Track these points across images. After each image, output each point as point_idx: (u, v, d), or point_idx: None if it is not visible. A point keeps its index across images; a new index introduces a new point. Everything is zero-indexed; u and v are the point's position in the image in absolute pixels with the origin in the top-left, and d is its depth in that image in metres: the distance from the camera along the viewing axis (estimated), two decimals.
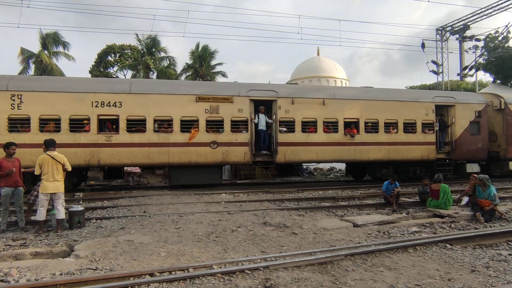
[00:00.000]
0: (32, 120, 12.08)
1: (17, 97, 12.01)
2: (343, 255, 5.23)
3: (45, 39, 30.03)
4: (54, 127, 12.29)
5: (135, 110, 12.82)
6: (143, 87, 13.37)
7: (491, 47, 31.62)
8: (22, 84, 12.44)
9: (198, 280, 4.35)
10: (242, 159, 13.73)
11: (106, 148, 12.60)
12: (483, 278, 4.56)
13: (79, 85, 12.87)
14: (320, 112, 14.38)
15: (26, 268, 4.84)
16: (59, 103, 12.27)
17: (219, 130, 13.51)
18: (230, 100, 13.62)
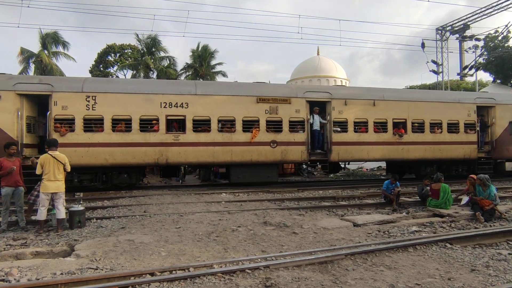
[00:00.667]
0: (105, 120, 12.62)
1: (91, 98, 12.54)
2: (343, 255, 5.24)
3: (44, 39, 30.05)
4: (125, 127, 12.83)
5: (200, 111, 13.35)
6: (208, 89, 13.98)
7: (491, 46, 31.64)
8: (96, 86, 12.93)
9: (199, 279, 4.35)
10: (299, 157, 14.24)
11: (174, 147, 13.09)
12: (483, 277, 4.57)
13: (148, 86, 13.51)
14: (370, 113, 14.99)
15: (27, 267, 4.85)
16: (130, 104, 12.85)
17: (278, 130, 14.02)
18: (288, 101, 14.13)
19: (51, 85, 12.42)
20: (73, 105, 12.39)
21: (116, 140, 12.60)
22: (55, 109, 12.27)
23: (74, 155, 11.82)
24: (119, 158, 12.66)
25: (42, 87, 12.32)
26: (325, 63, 42.43)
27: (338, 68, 43.22)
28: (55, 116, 12.29)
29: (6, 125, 11.91)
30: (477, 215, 8.00)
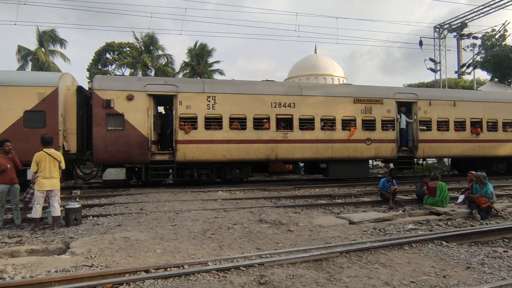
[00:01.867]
0: (224, 119, 13.57)
1: (211, 99, 13.50)
2: (338, 252, 5.24)
3: (42, 36, 29.91)
4: (240, 125, 13.76)
5: (305, 111, 14.35)
6: (312, 91, 15.02)
7: (488, 45, 31.68)
8: (216, 87, 13.97)
9: (193, 276, 4.35)
10: (390, 154, 15.35)
11: (283, 144, 14.07)
12: (478, 274, 4.58)
13: (260, 88, 14.52)
14: (451, 113, 16.14)
15: (21, 265, 4.83)
16: (245, 104, 13.85)
17: (372, 129, 15.07)
18: (381, 102, 15.26)
19: (176, 86, 13.37)
20: (196, 104, 13.36)
21: (233, 137, 13.66)
22: (180, 109, 13.20)
23: (196, 151, 13.24)
24: (235, 154, 13.64)
25: (169, 88, 13.29)
26: (323, 61, 42.39)
27: (336, 66, 43.18)
28: (180, 115, 13.19)
29: (138, 123, 12.81)
30: (473, 213, 8.02)
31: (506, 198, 10.92)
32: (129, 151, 12.70)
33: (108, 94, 12.69)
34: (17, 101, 11.92)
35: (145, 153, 12.82)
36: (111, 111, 12.63)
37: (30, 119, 11.97)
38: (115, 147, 12.56)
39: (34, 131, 11.75)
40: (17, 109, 11.91)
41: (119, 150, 12.60)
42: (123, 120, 12.70)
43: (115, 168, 12.83)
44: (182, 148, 13.13)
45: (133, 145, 12.72)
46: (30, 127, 11.92)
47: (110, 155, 12.61)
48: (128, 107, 12.74)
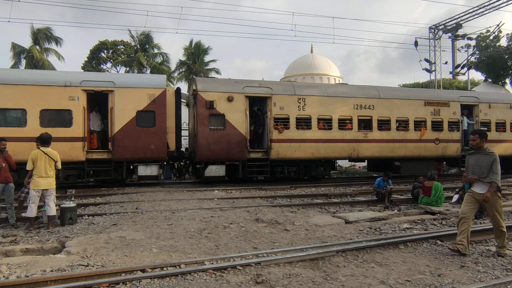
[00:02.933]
0: (313, 119, 14.49)
1: (302, 100, 14.43)
2: (334, 251, 5.27)
3: (36, 34, 29.66)
4: (327, 126, 14.69)
5: (382, 112, 15.44)
6: (388, 93, 16.05)
7: (482, 46, 31.92)
8: (305, 90, 14.91)
9: (190, 276, 4.34)
10: (455, 153, 16.43)
11: (363, 143, 15.09)
12: (472, 273, 4.62)
13: (344, 90, 15.54)
14: (508, 115, 17.32)
15: (16, 264, 4.80)
16: (331, 106, 14.78)
17: (440, 129, 16.18)
18: (448, 104, 16.44)
19: (270, 88, 14.28)
20: (288, 106, 14.25)
21: (320, 136, 14.60)
22: (274, 110, 14.09)
23: (288, 149, 14.15)
24: (322, 152, 14.58)
25: (264, 90, 14.17)
26: (319, 61, 42.50)
27: (332, 66, 43.32)
28: (274, 115, 14.05)
29: (237, 122, 13.66)
30: None
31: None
32: (229, 149, 13.59)
33: (211, 96, 13.50)
34: (131, 102, 12.82)
35: (243, 151, 13.76)
36: (213, 111, 13.46)
37: (142, 119, 12.86)
38: (217, 145, 13.43)
39: (145, 129, 12.80)
40: (130, 109, 12.80)
41: (221, 148, 13.47)
42: (224, 120, 13.56)
43: (216, 165, 13.63)
44: (276, 146, 14.06)
45: (233, 143, 13.62)
46: (141, 126, 12.82)
47: (212, 153, 13.47)
48: (229, 108, 13.60)
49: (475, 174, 5.46)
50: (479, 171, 5.42)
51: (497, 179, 5.28)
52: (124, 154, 12.69)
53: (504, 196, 11.21)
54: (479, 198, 5.39)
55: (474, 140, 5.56)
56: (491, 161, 5.35)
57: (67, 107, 12.31)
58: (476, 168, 5.48)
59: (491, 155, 5.41)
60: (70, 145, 12.15)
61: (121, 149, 12.64)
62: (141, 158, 12.90)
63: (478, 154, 5.52)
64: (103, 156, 12.72)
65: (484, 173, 5.36)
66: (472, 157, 5.62)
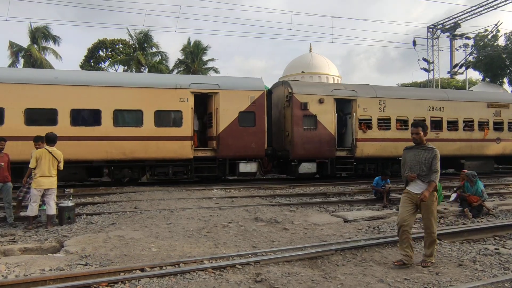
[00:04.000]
0: (392, 120, 15.76)
1: (382, 102, 15.67)
2: (333, 250, 5.28)
3: (34, 33, 29.57)
4: (403, 126, 15.84)
5: (451, 114, 16.70)
6: (456, 96, 17.46)
7: (480, 45, 31.98)
8: (384, 93, 16.20)
9: (189, 275, 4.35)
10: None
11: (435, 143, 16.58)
12: (470, 272, 4.64)
13: (418, 93, 17.32)
14: None
15: (15, 264, 4.79)
16: (408, 107, 16.07)
17: (500, 129, 17.55)
18: (507, 106, 17.79)
19: (355, 91, 15.45)
20: (371, 107, 15.43)
21: (398, 136, 15.67)
22: (359, 111, 15.23)
23: (371, 148, 15.41)
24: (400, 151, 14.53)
25: (349, 93, 15.35)
26: (318, 60, 42.47)
27: (331, 65, 43.30)
28: (359, 116, 15.20)
29: (327, 123, 14.81)
30: (465, 211, 8.11)
31: (497, 196, 11.07)
32: (320, 148, 14.69)
33: (305, 98, 14.58)
34: (234, 103, 13.84)
35: (332, 150, 14.91)
36: (306, 112, 14.54)
37: (244, 119, 13.93)
38: (310, 144, 14.47)
39: (246, 129, 13.88)
40: (233, 110, 13.82)
41: (313, 147, 14.53)
42: (316, 120, 14.67)
43: (309, 163, 14.72)
44: (360, 145, 15.25)
45: (324, 142, 14.74)
46: (243, 126, 13.89)
47: (305, 151, 14.54)
48: (320, 109, 14.72)
49: (413, 172, 4.83)
50: (417, 169, 4.81)
51: (436, 178, 4.76)
52: (227, 152, 13.80)
53: (502, 195, 11.26)
54: (416, 199, 4.80)
55: (417, 134, 4.86)
56: (431, 157, 4.76)
57: (178, 108, 13.32)
58: (414, 165, 4.84)
59: (432, 151, 4.82)
60: (180, 144, 13.23)
61: (225, 148, 13.71)
62: (242, 156, 14.03)
63: (418, 150, 4.88)
64: (207, 154, 13.88)
65: (424, 171, 4.77)
66: (410, 152, 4.98)
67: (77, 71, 16.65)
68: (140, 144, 12.68)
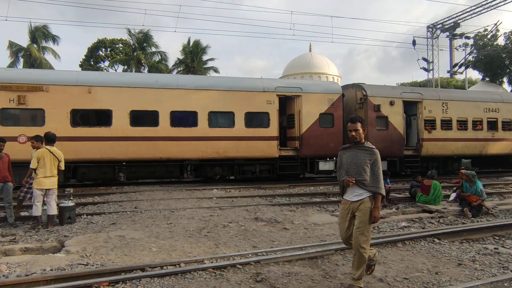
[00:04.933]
0: (453, 121, 16.59)
1: (444, 104, 16.50)
2: (333, 250, 5.30)
3: (34, 32, 29.57)
4: (463, 126, 16.75)
5: (506, 114, 17.62)
6: (510, 97, 18.34)
7: (480, 45, 31.97)
8: (446, 95, 17.04)
9: (190, 274, 4.37)
10: None
11: (491, 142, 17.24)
12: (469, 271, 4.66)
13: (476, 95, 17.95)
14: None
15: (16, 263, 4.81)
16: (467, 109, 16.89)
17: None
18: None
19: (421, 94, 16.45)
20: (434, 109, 16.27)
21: (459, 136, 16.62)
22: (424, 112, 16.10)
23: (435, 147, 16.22)
24: (460, 150, 16.73)
25: (416, 96, 16.27)
26: (317, 60, 42.50)
27: (330, 64, 43.33)
28: (425, 117, 16.06)
29: (397, 124, 15.66)
30: (464, 210, 8.14)
31: (497, 196, 11.09)
32: (391, 147, 15.46)
33: (377, 100, 15.43)
34: (315, 105, 14.75)
35: (401, 149, 15.77)
36: (379, 114, 15.38)
37: (323, 120, 14.83)
38: (382, 144, 14.74)
39: (325, 130, 14.81)
40: (314, 112, 14.73)
41: (385, 146, 14.90)
42: (387, 121, 15.51)
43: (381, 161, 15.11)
44: (426, 145, 16.07)
45: (394, 142, 15.61)
46: (323, 126, 14.80)
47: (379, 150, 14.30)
48: (390, 111, 15.57)
49: (350, 176, 3.99)
50: (355, 172, 3.97)
51: (381, 188, 3.96)
52: (309, 151, 14.69)
53: (501, 195, 11.29)
54: (353, 209, 3.98)
55: (355, 130, 3.99)
56: (372, 160, 3.97)
57: (265, 110, 14.20)
58: (351, 167, 4.00)
59: (372, 152, 4.00)
60: (268, 144, 14.14)
61: (307, 147, 14.61)
62: (321, 154, 14.99)
63: (356, 149, 4.05)
64: (289, 153, 14.69)
65: (362, 175, 3.94)
66: (346, 153, 4.12)
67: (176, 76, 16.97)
68: (232, 143, 13.69)
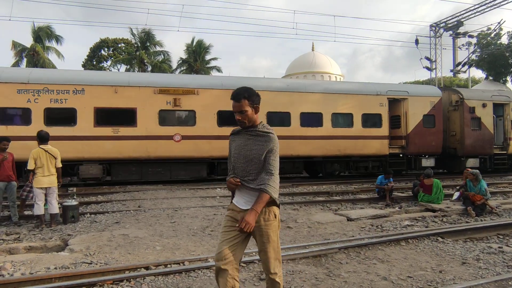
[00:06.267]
0: None
1: None
2: (337, 248, 5.30)
3: (37, 32, 29.69)
4: None
5: None
6: None
7: (483, 44, 31.84)
8: None
9: (194, 273, 4.37)
10: None
11: None
12: (473, 270, 4.65)
13: None
14: None
15: (20, 262, 4.83)
16: None
17: None
18: None
19: (508, 97, 17.78)
20: None
21: None
22: (511, 114, 17.49)
23: None
24: None
25: (503, 98, 17.67)
26: (320, 59, 42.46)
27: (333, 64, 43.30)
28: (511, 118, 17.39)
29: (488, 124, 16.97)
30: (468, 209, 8.10)
31: (501, 195, 11.04)
32: (483, 146, 16.91)
33: (472, 103, 16.78)
34: (419, 107, 16.14)
35: (491, 147, 17.12)
36: (473, 115, 16.70)
37: (426, 121, 16.21)
38: (476, 143, 16.67)
39: (428, 130, 16.19)
40: (419, 114, 16.12)
41: (478, 145, 16.77)
42: (480, 122, 16.85)
43: (474, 159, 16.92)
44: None
45: (485, 141, 16.92)
46: (426, 127, 16.19)
47: (472, 149, 16.79)
48: (483, 113, 16.88)
49: (237, 173, 2.82)
50: (243, 167, 2.79)
51: (270, 186, 2.70)
52: (414, 149, 16.04)
53: (505, 194, 11.24)
54: None
55: (241, 113, 2.74)
56: (265, 148, 2.74)
57: (378, 112, 15.65)
58: (239, 161, 2.81)
59: (268, 137, 2.76)
60: (380, 142, 15.60)
61: (413, 145, 15.97)
62: (424, 152, 16.37)
63: (246, 135, 2.82)
64: (396, 151, 16.02)
65: (252, 173, 2.77)
66: (235, 139, 2.90)
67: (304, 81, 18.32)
68: (351, 142, 15.11)
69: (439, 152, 16.53)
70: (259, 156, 2.75)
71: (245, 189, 2.83)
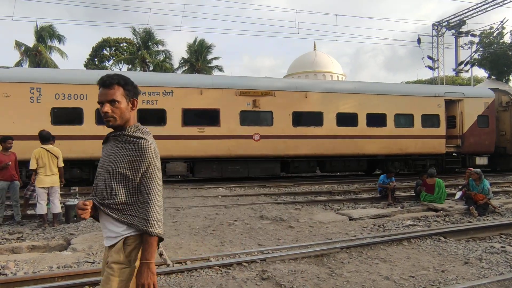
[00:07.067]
0: None
1: None
2: (339, 248, 5.29)
3: (40, 32, 29.77)
4: None
5: None
6: None
7: (486, 43, 31.70)
8: None
9: (196, 272, 4.38)
10: None
11: None
12: (476, 269, 4.63)
13: None
14: None
15: (23, 261, 4.85)
16: None
17: None
18: None
19: None
20: None
21: None
22: None
23: None
24: None
25: None
26: (322, 58, 42.40)
27: (335, 63, 43.23)
28: None
29: None
30: (471, 209, 8.08)
31: (503, 194, 11.01)
32: None
33: None
34: (474, 108, 16.80)
35: None
36: None
37: (481, 121, 16.85)
38: None
39: (482, 129, 16.84)
40: (473, 114, 16.77)
41: None
42: None
43: None
44: None
45: None
46: (480, 127, 16.84)
47: None
48: None
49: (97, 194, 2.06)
50: (103, 185, 2.03)
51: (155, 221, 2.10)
52: (469, 148, 16.69)
53: (508, 193, 11.20)
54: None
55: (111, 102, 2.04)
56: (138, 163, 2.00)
57: (436, 113, 16.30)
58: (100, 175, 2.07)
59: (139, 146, 2.01)
60: (438, 141, 16.31)
61: (468, 145, 16.65)
62: (478, 151, 16.95)
63: (113, 141, 2.11)
64: (451, 150, 16.71)
65: (116, 193, 2.00)
66: (104, 149, 2.16)
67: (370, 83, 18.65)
68: (412, 141, 15.86)
69: (492, 151, 17.05)
70: (125, 171, 1.98)
71: (106, 217, 2.01)
